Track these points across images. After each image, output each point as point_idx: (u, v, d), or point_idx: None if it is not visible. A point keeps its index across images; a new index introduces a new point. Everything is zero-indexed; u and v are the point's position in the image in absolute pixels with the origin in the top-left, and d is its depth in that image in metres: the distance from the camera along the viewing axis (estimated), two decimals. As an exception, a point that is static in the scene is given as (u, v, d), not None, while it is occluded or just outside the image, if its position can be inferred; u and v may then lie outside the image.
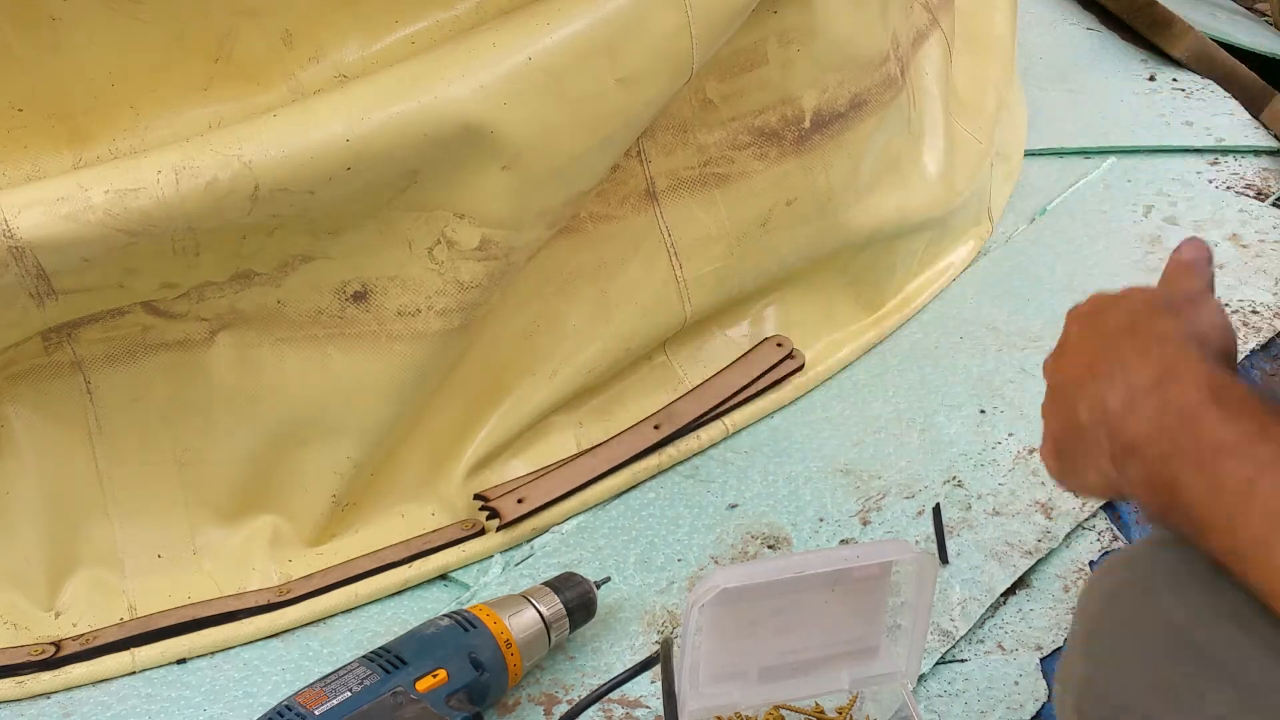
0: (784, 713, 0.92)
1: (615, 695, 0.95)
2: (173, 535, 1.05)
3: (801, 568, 0.82)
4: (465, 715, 0.86)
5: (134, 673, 0.99)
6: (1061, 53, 2.02)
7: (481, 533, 1.10)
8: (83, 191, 0.87)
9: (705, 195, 1.18)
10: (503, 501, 1.11)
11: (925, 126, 1.41)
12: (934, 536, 1.09)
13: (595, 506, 1.15)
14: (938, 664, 0.98)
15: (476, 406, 1.12)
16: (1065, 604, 1.03)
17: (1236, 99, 1.86)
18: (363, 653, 0.89)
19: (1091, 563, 1.08)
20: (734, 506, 1.15)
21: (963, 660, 0.99)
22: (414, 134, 0.93)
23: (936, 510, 1.11)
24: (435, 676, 0.87)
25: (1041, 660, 0.98)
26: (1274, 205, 1.60)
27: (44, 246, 0.87)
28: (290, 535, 1.08)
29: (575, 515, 1.14)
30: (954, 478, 1.17)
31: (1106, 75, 1.95)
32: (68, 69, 0.90)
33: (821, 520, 1.13)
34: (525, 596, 0.96)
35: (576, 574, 1.01)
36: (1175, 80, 1.92)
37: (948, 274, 1.46)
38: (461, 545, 1.09)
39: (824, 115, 1.22)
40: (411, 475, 1.11)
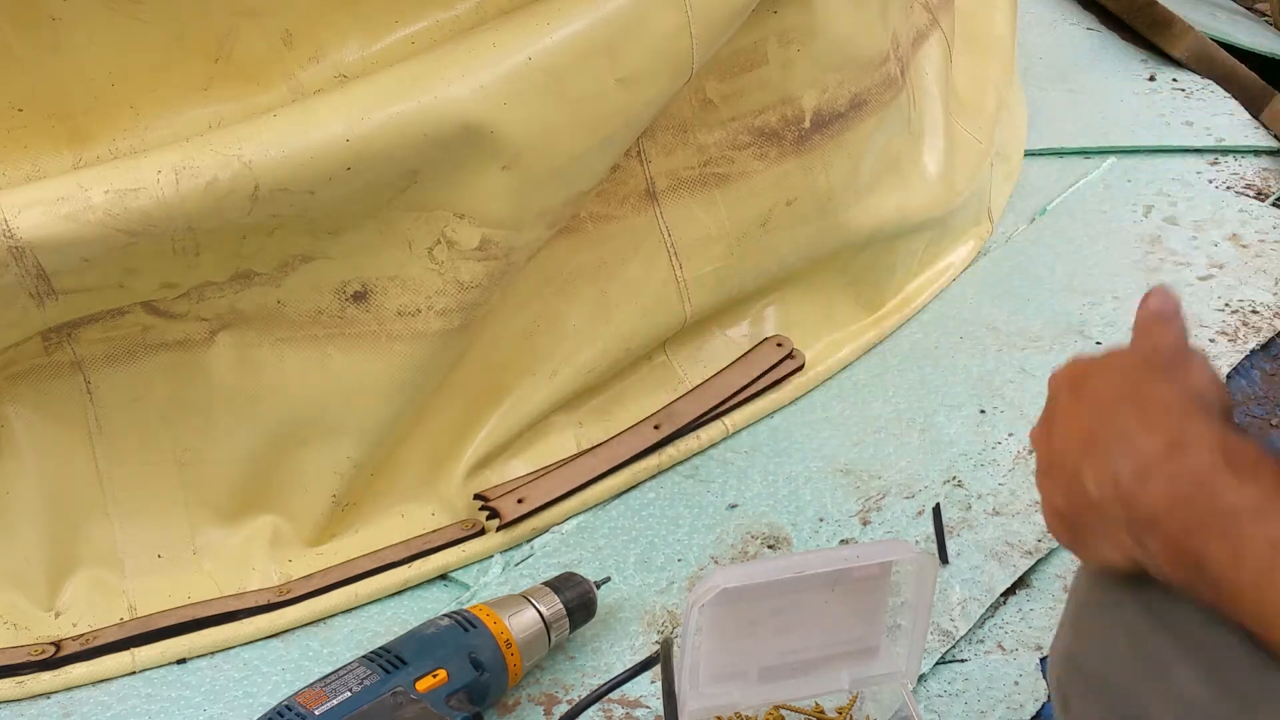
0: (784, 713, 0.92)
1: (615, 695, 0.95)
2: (173, 535, 1.05)
3: (801, 568, 0.82)
4: (465, 715, 0.86)
5: (134, 673, 0.99)
6: (1061, 53, 2.02)
7: (481, 533, 1.10)
8: (83, 191, 0.87)
9: (705, 195, 1.18)
10: (503, 501, 1.11)
11: (925, 126, 1.40)
12: (934, 536, 1.09)
13: (595, 506, 1.15)
14: (938, 664, 0.98)
15: (476, 406, 1.12)
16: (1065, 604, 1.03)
17: (1236, 99, 1.85)
18: (363, 653, 0.89)
19: (1091, 563, 1.08)
20: (734, 506, 1.15)
21: (963, 660, 0.99)
22: (414, 134, 0.93)
23: (936, 510, 1.11)
24: (435, 676, 0.87)
25: (1041, 660, 0.98)
26: (1274, 205, 1.60)
27: (44, 246, 0.87)
28: (290, 535, 1.08)
29: (575, 515, 1.14)
30: (954, 478, 1.17)
31: (1106, 75, 1.95)
32: (68, 69, 0.90)
33: (821, 520, 1.13)
34: (525, 596, 0.96)
35: (576, 574, 1.01)
36: (1175, 80, 1.92)
37: (948, 274, 1.46)
38: (461, 545, 1.09)
39: (824, 115, 1.22)
40: (411, 475, 1.11)
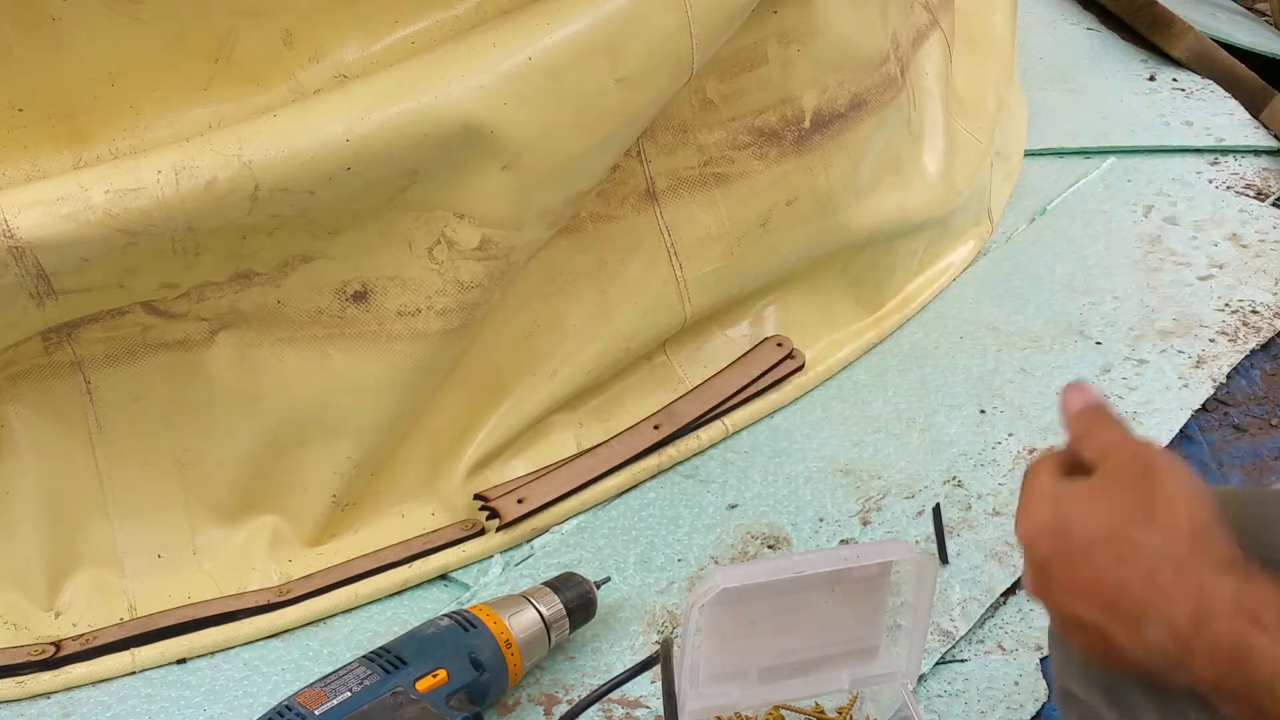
0: (784, 713, 0.92)
1: (615, 695, 0.95)
2: (173, 535, 1.05)
3: (801, 568, 0.82)
4: (465, 715, 0.86)
5: (134, 673, 0.99)
6: (1061, 53, 2.02)
7: (481, 533, 1.10)
8: (83, 191, 0.87)
9: (705, 195, 1.18)
10: (503, 501, 1.11)
11: (925, 126, 1.40)
12: (934, 536, 1.09)
13: (595, 506, 1.15)
14: (938, 664, 0.98)
15: (476, 406, 1.12)
16: (1065, 604, 1.03)
17: (1236, 99, 1.86)
18: (363, 653, 0.89)
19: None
20: (734, 506, 1.15)
21: (963, 660, 0.99)
22: (414, 134, 0.93)
23: (936, 510, 1.11)
24: (435, 676, 0.87)
25: (1041, 660, 0.98)
26: (1274, 205, 1.60)
27: (44, 246, 0.87)
28: (290, 535, 1.08)
29: (575, 515, 1.14)
30: (954, 478, 1.17)
31: (1106, 75, 1.95)
32: (68, 69, 0.90)
33: (821, 520, 1.13)
34: (525, 596, 0.96)
35: (576, 574, 1.01)
36: (1175, 80, 1.92)
37: (948, 274, 1.46)
38: (461, 545, 1.09)
39: (824, 115, 1.22)
40: (411, 475, 1.11)
